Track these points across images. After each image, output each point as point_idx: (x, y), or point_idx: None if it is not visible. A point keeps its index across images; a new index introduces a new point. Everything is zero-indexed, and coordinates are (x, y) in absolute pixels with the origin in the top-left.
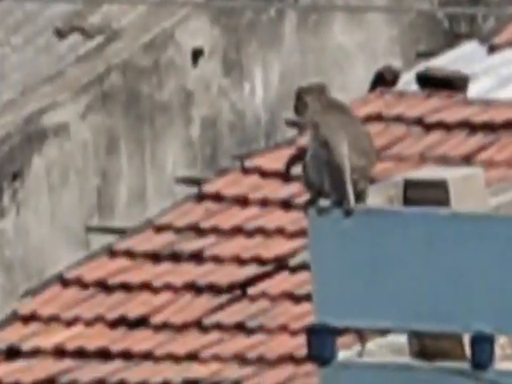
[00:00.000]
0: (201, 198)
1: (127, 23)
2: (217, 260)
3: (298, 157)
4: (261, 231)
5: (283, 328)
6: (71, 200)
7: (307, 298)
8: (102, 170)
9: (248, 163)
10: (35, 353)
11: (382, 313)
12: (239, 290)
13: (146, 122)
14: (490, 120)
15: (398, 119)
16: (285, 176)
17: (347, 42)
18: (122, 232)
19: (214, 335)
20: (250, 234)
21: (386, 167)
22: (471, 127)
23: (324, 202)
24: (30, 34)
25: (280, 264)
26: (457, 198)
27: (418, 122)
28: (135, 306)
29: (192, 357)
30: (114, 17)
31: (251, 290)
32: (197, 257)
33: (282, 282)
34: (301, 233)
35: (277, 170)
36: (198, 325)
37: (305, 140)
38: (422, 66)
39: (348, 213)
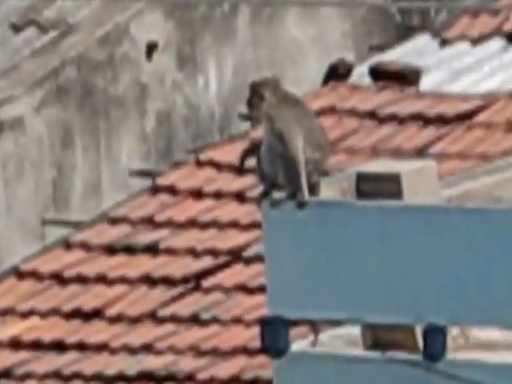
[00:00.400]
0: (155, 190)
1: (82, 17)
2: (171, 252)
3: (252, 150)
4: (215, 224)
5: (237, 320)
6: (27, 193)
7: (261, 289)
8: (58, 163)
9: (202, 156)
10: None
11: (336, 305)
12: (194, 282)
13: (101, 115)
14: (443, 113)
15: (351, 112)
16: (239, 169)
17: (300, 35)
18: (77, 224)
19: (168, 327)
20: (205, 226)
21: (338, 160)
22: (424, 120)
23: (278, 195)
24: None
25: (234, 256)
26: (409, 190)
27: (371, 114)
28: (90, 298)
29: (147, 348)
30: (69, 11)
31: (205, 282)
32: (152, 249)
33: (236, 274)
34: (255, 225)
35: (231, 162)
36: (153, 316)
37: (258, 133)
38: (374, 59)
39: (301, 205)
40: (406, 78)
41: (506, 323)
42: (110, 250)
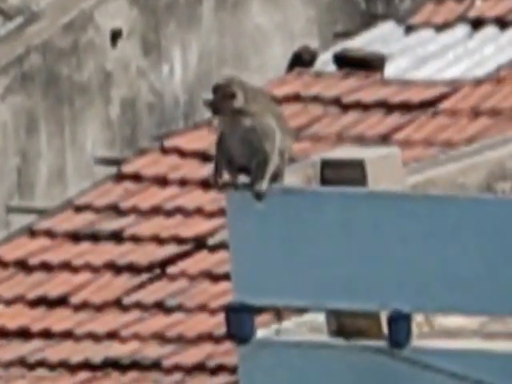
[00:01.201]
0: (120, 178)
1: (46, 4)
2: (136, 239)
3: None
4: (180, 211)
5: (202, 307)
6: None
7: (226, 276)
8: (22, 150)
9: (167, 143)
10: None
11: (300, 291)
12: (158, 269)
13: (66, 102)
14: (407, 100)
15: (316, 99)
16: (204, 156)
17: (265, 22)
18: (41, 212)
19: (133, 314)
20: (170, 213)
21: (303, 147)
22: (388, 107)
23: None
24: None
25: (199, 243)
26: (374, 177)
27: (336, 101)
28: (55, 285)
29: (112, 336)
30: None
31: (170, 270)
32: (116, 236)
33: (200, 261)
34: (220, 212)
35: (196, 150)
36: (118, 304)
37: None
38: (339, 46)
39: (259, 196)
40: (370, 65)
41: (469, 310)
42: (75, 237)
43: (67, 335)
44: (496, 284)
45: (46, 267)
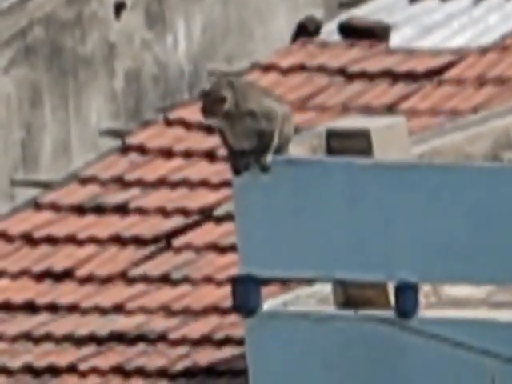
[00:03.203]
0: (125, 150)
1: None
2: (142, 212)
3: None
4: (185, 183)
5: (208, 279)
6: None
7: (232, 248)
8: (26, 123)
9: (172, 115)
10: None
11: (307, 263)
12: (164, 241)
13: (70, 75)
14: (412, 69)
15: (321, 69)
16: (208, 128)
17: None
18: (46, 185)
19: (139, 287)
20: (175, 185)
21: (308, 117)
22: (393, 76)
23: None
24: None
25: (204, 215)
26: (380, 147)
27: (341, 71)
28: (60, 258)
29: (118, 309)
30: None
31: (176, 242)
32: (121, 209)
33: (206, 233)
34: (225, 184)
35: (200, 121)
36: (124, 277)
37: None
38: (343, 16)
39: (265, 168)
40: (375, 34)
41: (476, 280)
42: (80, 210)
43: (73, 309)
44: (503, 253)
45: (51, 240)
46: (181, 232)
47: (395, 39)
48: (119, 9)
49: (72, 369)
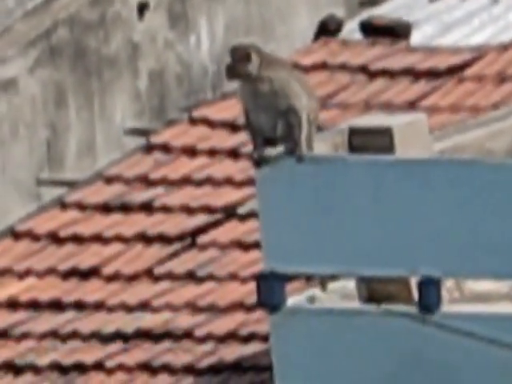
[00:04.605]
0: (149, 149)
1: None
2: (166, 210)
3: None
4: (209, 181)
5: (233, 276)
6: (21, 154)
7: (256, 245)
8: (52, 123)
9: (195, 114)
10: None
11: (330, 259)
12: (189, 239)
13: (94, 75)
14: (433, 66)
15: (343, 67)
16: (232, 126)
17: None
18: (72, 184)
19: (165, 284)
20: (199, 183)
21: (331, 115)
22: (415, 74)
23: (270, 151)
24: None
25: (229, 213)
26: (401, 144)
27: (362, 69)
28: (87, 257)
29: (144, 306)
30: None
31: (201, 239)
32: (146, 207)
33: (231, 230)
34: (249, 181)
35: (224, 120)
36: (149, 274)
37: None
38: (364, 14)
39: (300, 159)
40: (396, 32)
41: (499, 274)
42: (106, 208)
43: (99, 306)
44: None
45: (77, 239)
46: (205, 230)
47: (416, 37)
48: (142, 9)
49: (99, 366)
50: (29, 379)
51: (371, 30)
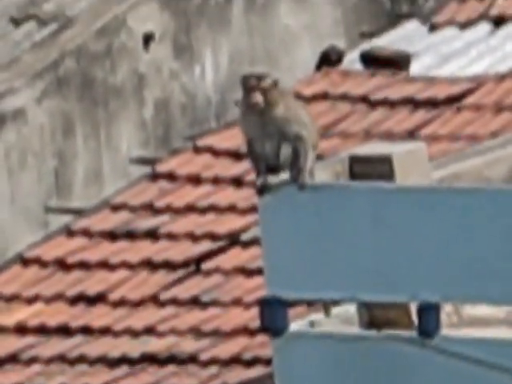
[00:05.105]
0: (155, 177)
1: (80, 10)
2: (171, 237)
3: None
4: (213, 208)
5: (237, 301)
6: (30, 182)
7: (259, 271)
8: (59, 152)
9: (200, 143)
10: None
11: (332, 285)
12: (194, 265)
13: (101, 105)
14: (432, 96)
15: (344, 97)
16: (236, 155)
17: (293, 23)
18: (79, 212)
19: (170, 309)
20: (203, 211)
21: (332, 144)
22: (414, 103)
23: (273, 179)
24: None
25: (232, 240)
26: (401, 172)
27: (363, 99)
28: (93, 283)
29: (149, 331)
30: (68, 4)
31: (205, 266)
32: (152, 234)
33: (234, 257)
34: (252, 209)
35: (228, 148)
36: (155, 300)
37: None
38: (365, 45)
39: (302, 187)
40: (396, 63)
41: (497, 300)
42: (112, 235)
43: (106, 331)
44: None
45: (84, 266)
46: (209, 256)
47: (415, 67)
48: (148, 40)
49: None
50: None
51: (372, 60)
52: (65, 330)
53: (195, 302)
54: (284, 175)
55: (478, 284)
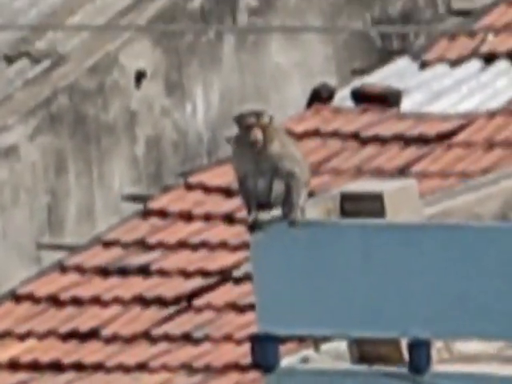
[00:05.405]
0: (147, 214)
1: (72, 47)
2: (163, 273)
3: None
4: (205, 245)
5: (228, 337)
6: (22, 218)
7: (251, 307)
8: (52, 189)
9: (191, 180)
10: None
11: (322, 321)
12: (185, 301)
13: (93, 142)
14: (423, 133)
15: (335, 134)
16: (227, 191)
17: (284, 61)
18: (71, 248)
19: (162, 346)
20: (195, 247)
21: (323, 181)
22: (405, 140)
23: (264, 216)
24: None
25: (224, 276)
26: (392, 209)
27: (354, 136)
28: (86, 319)
29: (142, 367)
30: (60, 41)
31: (197, 302)
32: (144, 271)
33: (226, 293)
34: (243, 246)
35: (219, 185)
36: (147, 336)
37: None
38: (356, 82)
39: (293, 224)
40: (387, 100)
41: (487, 336)
42: (104, 272)
43: (98, 367)
44: None
45: (76, 302)
46: (201, 292)
47: (406, 104)
48: (139, 78)
49: None
50: None
51: (363, 97)
52: (57, 366)
53: (187, 338)
54: (275, 212)
55: (468, 320)
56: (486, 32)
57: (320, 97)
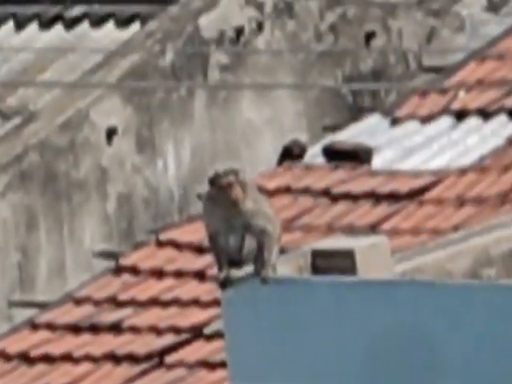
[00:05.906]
0: (118, 271)
1: (43, 104)
2: (135, 330)
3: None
4: (176, 302)
5: None
6: None
7: (222, 364)
8: (22, 246)
9: (162, 236)
10: None
11: (294, 378)
12: (157, 358)
13: (64, 199)
14: (394, 190)
15: (306, 191)
16: (199, 248)
17: (255, 117)
18: (43, 305)
19: None
20: (166, 304)
21: (294, 238)
22: (376, 197)
23: (235, 273)
24: None
25: (195, 333)
26: (363, 265)
27: (325, 193)
28: (57, 376)
29: None
30: (31, 98)
31: (169, 359)
32: (115, 328)
33: (197, 350)
34: (215, 302)
35: (190, 242)
36: None
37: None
38: (327, 139)
39: (265, 281)
40: (358, 157)
41: None
42: (75, 329)
43: None
44: (492, 364)
45: (47, 359)
46: (173, 349)
47: (377, 161)
48: (111, 134)
49: None
50: None
51: (334, 154)
52: None
53: None
54: (247, 269)
55: (436, 376)
56: (457, 89)
57: (291, 153)
